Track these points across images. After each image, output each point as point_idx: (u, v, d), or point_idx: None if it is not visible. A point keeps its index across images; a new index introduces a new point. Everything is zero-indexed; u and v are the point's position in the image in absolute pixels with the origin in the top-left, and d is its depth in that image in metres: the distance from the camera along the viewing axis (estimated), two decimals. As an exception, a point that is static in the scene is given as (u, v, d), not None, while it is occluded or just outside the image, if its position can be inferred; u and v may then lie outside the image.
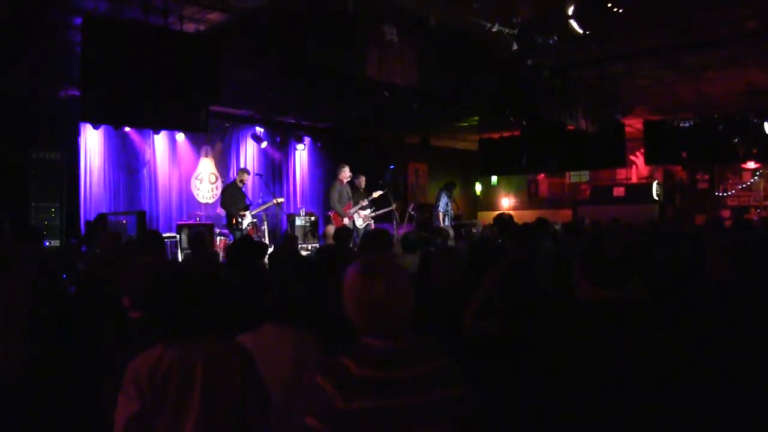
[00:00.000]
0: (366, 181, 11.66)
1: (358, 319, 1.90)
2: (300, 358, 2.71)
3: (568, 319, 2.78)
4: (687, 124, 14.26)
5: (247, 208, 10.65)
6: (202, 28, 7.85)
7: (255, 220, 10.96)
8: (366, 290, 1.87)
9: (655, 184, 16.08)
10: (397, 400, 1.82)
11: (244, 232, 10.38)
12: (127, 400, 2.22)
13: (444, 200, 12.41)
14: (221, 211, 12.53)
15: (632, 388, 2.46)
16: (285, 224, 13.13)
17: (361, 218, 11.11)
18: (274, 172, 14.25)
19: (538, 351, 2.82)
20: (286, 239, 7.77)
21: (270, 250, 8.83)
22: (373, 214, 11.40)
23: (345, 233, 5.87)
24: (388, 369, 1.84)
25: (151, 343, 2.33)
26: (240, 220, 10.48)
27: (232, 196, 10.68)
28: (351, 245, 6.63)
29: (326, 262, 4.51)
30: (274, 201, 11.16)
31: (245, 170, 11.22)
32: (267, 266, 5.88)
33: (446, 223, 11.94)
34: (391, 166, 13.04)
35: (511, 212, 15.72)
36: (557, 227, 9.36)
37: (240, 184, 10.82)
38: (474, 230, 11.52)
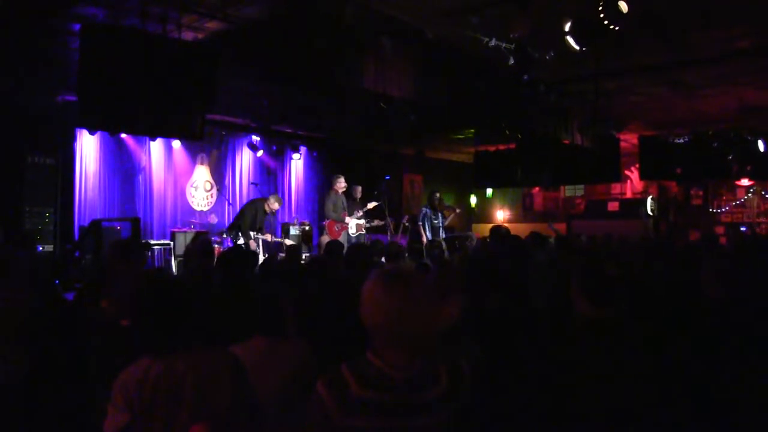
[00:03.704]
0: (362, 191, 11.66)
1: (372, 327, 1.90)
2: (295, 370, 2.71)
3: (566, 337, 2.78)
4: (682, 140, 14.35)
5: (257, 231, 10.14)
6: (200, 36, 7.86)
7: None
8: (385, 297, 1.87)
9: (649, 200, 16.14)
10: (394, 422, 1.83)
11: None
12: (116, 411, 2.21)
13: (423, 211, 12.32)
14: (213, 219, 12.51)
15: (631, 407, 2.46)
16: (279, 233, 13.11)
17: (355, 227, 11.12)
18: (270, 180, 14.26)
19: (535, 369, 2.82)
20: (289, 250, 7.73)
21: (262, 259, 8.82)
22: (368, 225, 11.40)
23: (337, 247, 5.88)
24: (389, 393, 1.84)
25: (141, 352, 2.33)
26: (242, 240, 9.87)
27: (253, 216, 10.17)
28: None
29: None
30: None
31: (278, 199, 10.62)
32: (259, 276, 5.87)
33: (427, 235, 11.85)
34: (387, 177, 13.05)
35: (506, 225, 15.70)
36: (551, 240, 9.37)
37: (266, 209, 10.25)
38: (468, 242, 11.53)
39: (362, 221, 11.28)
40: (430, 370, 1.96)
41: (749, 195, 17.58)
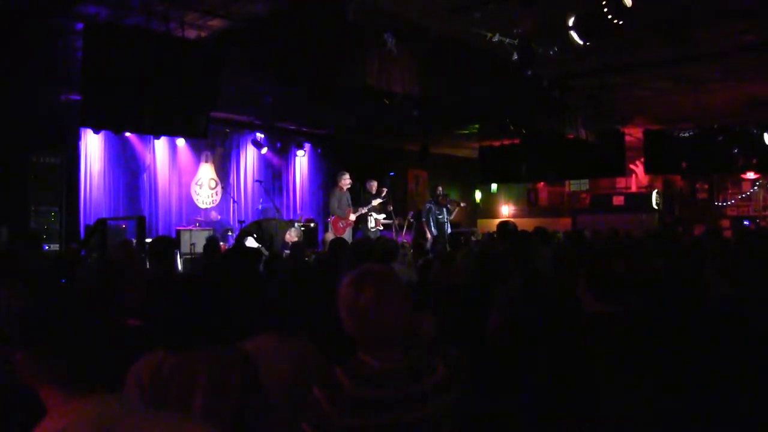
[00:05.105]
0: (377, 185, 11.55)
1: (351, 329, 1.92)
2: (299, 368, 2.71)
3: (575, 333, 2.78)
4: (687, 134, 14.31)
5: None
6: (203, 34, 7.87)
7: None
8: (355, 300, 1.89)
9: (654, 194, 16.09)
10: (391, 417, 1.83)
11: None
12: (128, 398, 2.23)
13: (427, 207, 12.30)
14: (215, 216, 12.51)
15: (637, 404, 2.46)
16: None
17: (374, 222, 11.13)
18: (274, 178, 14.28)
19: (549, 365, 2.83)
20: (293, 247, 7.72)
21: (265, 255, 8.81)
22: (385, 221, 11.42)
23: (342, 244, 5.89)
24: (383, 388, 1.85)
25: (148, 351, 2.35)
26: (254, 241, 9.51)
27: (282, 239, 9.87)
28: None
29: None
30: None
31: (299, 233, 10.22)
32: (265, 273, 5.88)
33: (432, 230, 11.83)
34: (391, 173, 13.04)
35: (511, 220, 15.70)
36: (560, 236, 9.34)
37: (286, 237, 9.83)
38: (473, 238, 11.53)
39: (380, 216, 11.30)
40: (426, 359, 1.97)
41: (755, 188, 17.52)
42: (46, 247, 9.20)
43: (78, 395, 1.39)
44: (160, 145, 12.03)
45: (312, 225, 13.26)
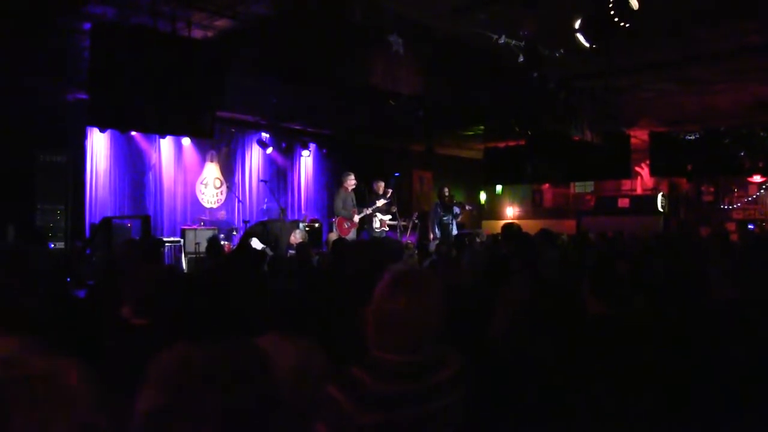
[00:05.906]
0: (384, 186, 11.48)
1: (377, 331, 1.91)
2: (302, 368, 2.72)
3: (579, 335, 2.78)
4: (693, 137, 14.28)
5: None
6: (210, 34, 7.89)
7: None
8: (387, 302, 1.89)
9: (660, 196, 16.04)
10: (411, 411, 1.84)
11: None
12: (152, 392, 2.23)
13: (433, 208, 12.26)
14: (222, 215, 12.55)
15: (639, 405, 2.46)
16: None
17: (378, 222, 11.10)
18: (279, 178, 14.29)
19: (553, 367, 2.83)
20: (298, 248, 7.72)
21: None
22: (391, 223, 11.38)
23: (345, 244, 5.91)
24: (403, 382, 1.86)
25: (156, 350, 2.35)
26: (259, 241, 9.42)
27: (287, 240, 9.75)
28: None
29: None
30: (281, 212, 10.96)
31: (304, 235, 9.98)
32: (269, 273, 5.89)
33: (435, 232, 11.80)
34: (396, 174, 13.03)
35: (516, 221, 15.68)
36: (564, 237, 9.32)
37: (291, 239, 9.60)
38: (477, 239, 11.50)
39: (386, 217, 11.28)
40: (438, 353, 1.99)
41: (761, 191, 17.44)
42: (52, 246, 9.23)
43: (4, 333, 1.88)
44: (166, 144, 12.05)
45: (317, 225, 13.27)
